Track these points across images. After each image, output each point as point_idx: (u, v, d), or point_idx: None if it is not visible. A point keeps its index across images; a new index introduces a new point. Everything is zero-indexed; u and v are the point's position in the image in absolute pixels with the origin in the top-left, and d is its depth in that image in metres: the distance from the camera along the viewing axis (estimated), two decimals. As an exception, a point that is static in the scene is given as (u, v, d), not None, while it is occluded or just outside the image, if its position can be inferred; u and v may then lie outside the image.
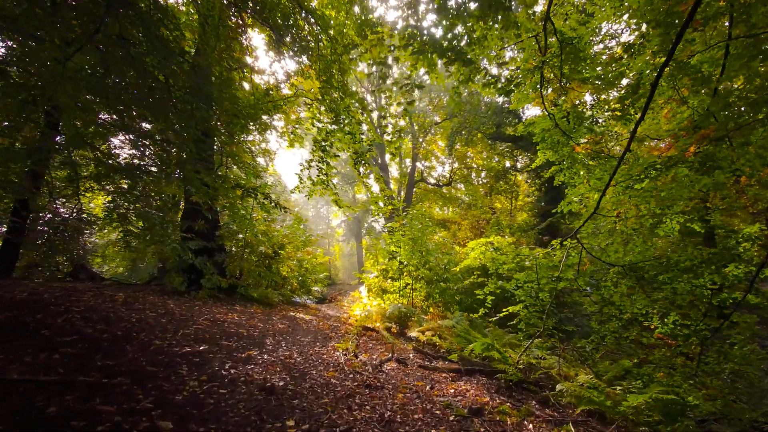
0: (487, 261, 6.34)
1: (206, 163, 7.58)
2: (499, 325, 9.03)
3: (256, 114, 7.33)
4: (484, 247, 6.19)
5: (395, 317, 8.51)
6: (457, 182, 24.14)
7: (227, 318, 6.59)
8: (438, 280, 9.44)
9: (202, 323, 5.72)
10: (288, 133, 11.05)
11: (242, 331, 5.72)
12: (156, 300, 7.03)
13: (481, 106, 19.24)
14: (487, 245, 6.09)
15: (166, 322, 5.39)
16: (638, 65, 5.19)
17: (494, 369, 4.90)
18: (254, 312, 8.17)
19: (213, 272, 8.74)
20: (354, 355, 5.28)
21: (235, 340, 5.11)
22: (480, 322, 8.69)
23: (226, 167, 10.28)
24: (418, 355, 5.90)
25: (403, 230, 10.24)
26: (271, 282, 11.16)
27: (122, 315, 5.29)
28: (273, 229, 10.63)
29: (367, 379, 4.13)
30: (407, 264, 9.68)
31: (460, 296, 9.83)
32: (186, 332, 5.00)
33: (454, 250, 10.66)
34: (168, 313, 5.94)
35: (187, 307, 6.86)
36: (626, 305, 5.07)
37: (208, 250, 9.09)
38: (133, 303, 6.31)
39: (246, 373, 3.79)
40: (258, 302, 9.63)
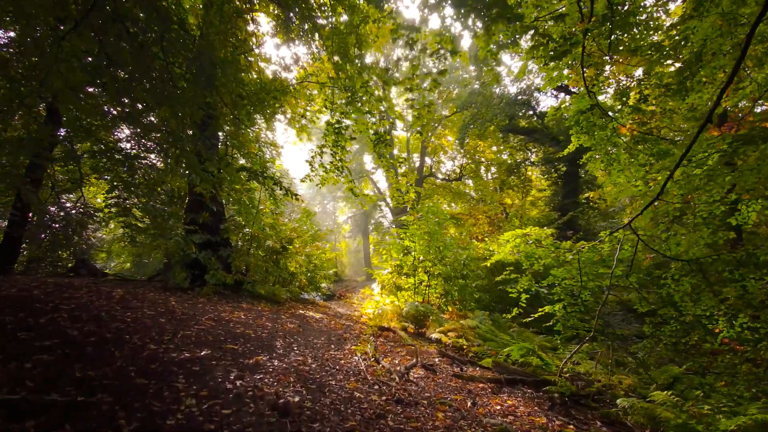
0: (520, 255, 5.67)
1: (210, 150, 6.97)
2: (524, 325, 8.37)
3: (263, 98, 6.69)
4: (519, 239, 5.53)
5: (412, 316, 7.87)
6: (467, 177, 23.41)
7: (233, 317, 5.99)
8: (456, 276, 8.78)
9: (205, 323, 5.11)
10: (296, 122, 10.42)
11: (249, 332, 5.11)
12: (156, 297, 6.43)
13: (493, 97, 18.48)
14: (524, 237, 5.43)
15: (164, 322, 4.79)
16: (705, 28, 4.46)
17: (538, 379, 4.25)
18: (262, 310, 7.57)
19: (218, 267, 8.14)
20: (375, 360, 4.65)
21: (241, 343, 4.49)
22: (503, 322, 8.03)
23: (231, 157, 9.66)
24: (444, 359, 5.26)
25: (417, 224, 9.59)
26: (278, 278, 10.56)
27: (116, 314, 4.69)
28: (280, 222, 10.02)
29: (396, 391, 3.49)
30: (423, 260, 9.03)
31: (479, 294, 9.17)
32: (186, 334, 4.39)
33: (472, 245, 10.01)
34: (168, 312, 5.34)
35: (189, 305, 6.26)
36: (688, 306, 4.40)
37: (212, 244, 8.50)
38: (131, 300, 5.72)
39: (254, 385, 3.16)
40: (265, 299, 9.03)
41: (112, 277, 9.92)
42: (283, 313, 7.69)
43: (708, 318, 4.38)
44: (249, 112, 8.08)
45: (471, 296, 9.26)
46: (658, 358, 5.41)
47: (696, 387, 4.71)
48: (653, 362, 5.44)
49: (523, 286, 5.54)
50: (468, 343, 5.64)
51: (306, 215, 10.89)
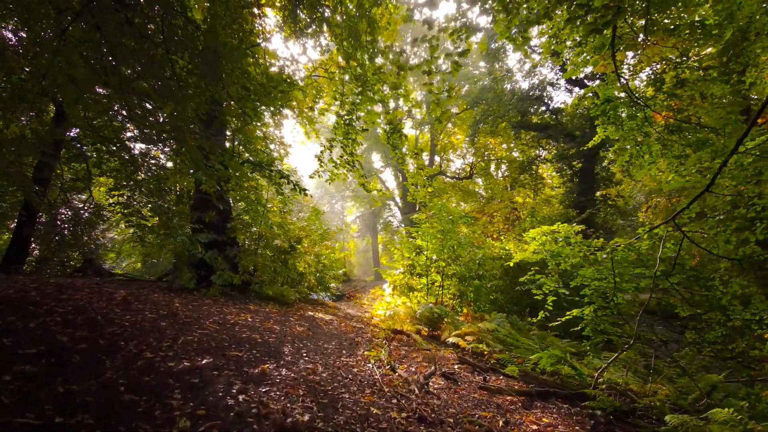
0: (546, 254, 5.22)
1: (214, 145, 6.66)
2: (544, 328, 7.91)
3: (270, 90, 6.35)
4: (545, 237, 5.08)
5: (426, 318, 7.47)
6: (477, 175, 22.90)
7: (239, 319, 5.65)
8: (471, 276, 8.35)
9: (209, 327, 4.77)
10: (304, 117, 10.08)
11: (255, 337, 4.75)
12: (160, 298, 6.13)
13: (504, 93, 17.97)
14: (552, 234, 4.99)
15: (165, 325, 4.46)
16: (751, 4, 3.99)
17: (573, 391, 3.82)
18: (269, 312, 7.23)
19: (224, 268, 7.83)
20: (390, 368, 4.26)
21: (246, 350, 4.14)
22: (522, 325, 7.58)
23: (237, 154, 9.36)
24: (464, 366, 4.85)
25: (430, 222, 9.18)
26: (287, 278, 10.24)
27: (114, 317, 4.37)
28: (289, 221, 9.69)
29: (417, 407, 3.10)
30: (436, 259, 8.62)
31: (495, 295, 8.73)
32: (188, 339, 4.05)
33: (487, 244, 9.57)
34: (170, 314, 5.02)
35: (194, 307, 5.95)
36: (737, 309, 3.94)
37: (219, 244, 8.20)
38: (133, 302, 5.42)
39: (259, 400, 2.80)
40: (273, 300, 8.71)
41: (120, 277, 9.69)
42: (291, 315, 7.34)
43: (758, 323, 3.91)
44: (255, 107, 7.76)
45: (486, 297, 8.83)
46: (700, 366, 4.94)
47: (742, 397, 4.24)
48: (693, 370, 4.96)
49: (550, 287, 5.10)
50: (488, 349, 5.22)
51: (315, 214, 10.55)
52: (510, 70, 18.43)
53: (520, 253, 5.40)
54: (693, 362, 4.87)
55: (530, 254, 5.29)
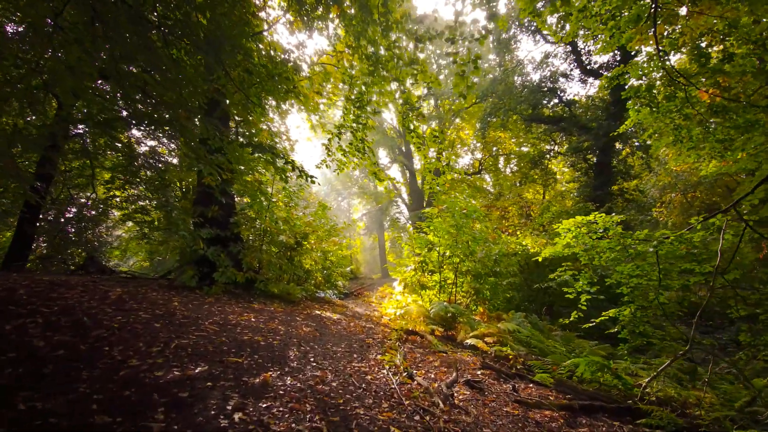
0: (579, 248, 4.69)
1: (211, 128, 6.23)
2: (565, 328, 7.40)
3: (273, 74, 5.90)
4: (579, 228, 4.54)
5: (440, 318, 7.00)
6: (487, 171, 22.31)
7: (241, 320, 5.22)
8: (487, 273, 7.85)
9: (208, 328, 4.34)
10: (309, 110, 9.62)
11: (258, 339, 4.31)
12: (159, 297, 5.72)
13: (515, 85, 17.36)
14: (589, 225, 4.46)
15: (159, 327, 4.03)
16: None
17: (622, 405, 3.32)
18: (275, 311, 6.80)
19: (227, 264, 7.41)
20: (407, 374, 3.80)
21: (247, 354, 3.69)
22: (542, 325, 7.07)
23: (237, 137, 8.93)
24: (489, 373, 4.36)
25: (442, 216, 8.69)
26: (293, 276, 9.82)
27: (103, 318, 3.96)
28: (294, 216, 9.25)
29: (445, 425, 2.63)
30: (449, 255, 8.13)
31: (512, 293, 8.23)
32: (182, 343, 3.61)
33: (502, 239, 9.05)
34: (167, 315, 4.60)
35: (194, 306, 5.53)
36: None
37: (222, 240, 7.78)
38: (128, 301, 5.01)
39: (258, 419, 2.35)
40: (279, 299, 8.29)
41: (122, 274, 9.32)
42: (297, 315, 6.91)
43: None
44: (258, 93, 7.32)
45: (502, 296, 8.33)
46: (753, 371, 4.41)
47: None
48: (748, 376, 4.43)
49: (583, 284, 4.59)
50: (513, 353, 4.73)
51: (321, 209, 10.10)
52: (521, 62, 17.80)
53: (549, 247, 4.88)
54: (746, 367, 4.35)
55: (561, 248, 4.77)
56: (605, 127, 13.93)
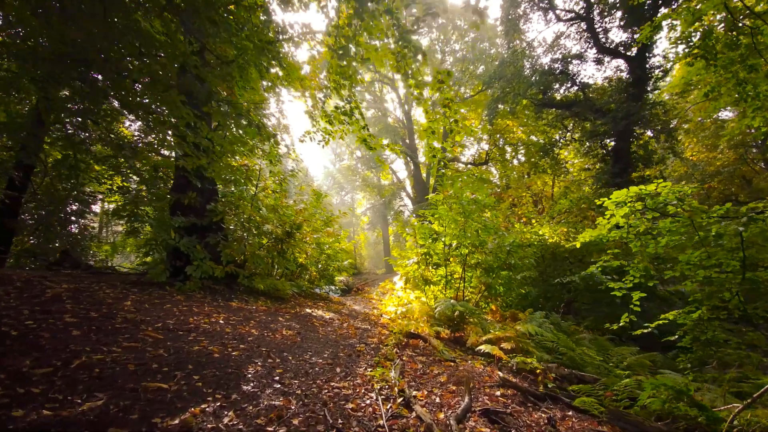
0: (627, 230, 3.56)
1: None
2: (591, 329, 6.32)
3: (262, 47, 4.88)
4: (629, 206, 3.38)
5: (446, 318, 5.94)
6: (494, 161, 21.12)
7: (203, 323, 4.21)
8: (500, 267, 6.77)
9: (148, 336, 3.33)
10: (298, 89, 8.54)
11: (212, 350, 3.30)
12: (110, 295, 4.74)
13: (524, 68, 16.13)
14: (653, 199, 3.32)
15: (79, 335, 3.04)
16: None
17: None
18: (256, 310, 5.81)
19: (203, 257, 6.42)
20: (404, 401, 2.76)
21: (184, 375, 2.68)
22: (566, 326, 5.99)
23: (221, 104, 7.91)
24: (512, 393, 3.30)
25: (448, 203, 7.61)
26: (284, 270, 8.82)
27: (12, 322, 2.99)
28: (284, 203, 8.23)
29: None
30: (458, 246, 7.06)
31: (527, 288, 7.14)
32: (91, 360, 2.60)
33: (516, 228, 7.96)
34: (102, 318, 3.60)
35: (150, 306, 4.54)
36: None
37: (199, 230, 6.79)
38: (64, 301, 4.03)
39: None
40: (266, 296, 7.30)
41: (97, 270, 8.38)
42: (282, 314, 5.90)
43: None
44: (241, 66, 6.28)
45: (517, 291, 7.24)
46: None
47: None
48: None
49: (634, 277, 3.50)
50: (541, 366, 3.66)
51: (316, 197, 9.07)
52: (530, 43, 16.55)
53: (589, 231, 3.78)
54: None
55: (606, 231, 3.64)
56: (624, 110, 12.69)
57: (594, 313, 7.14)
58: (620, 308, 6.75)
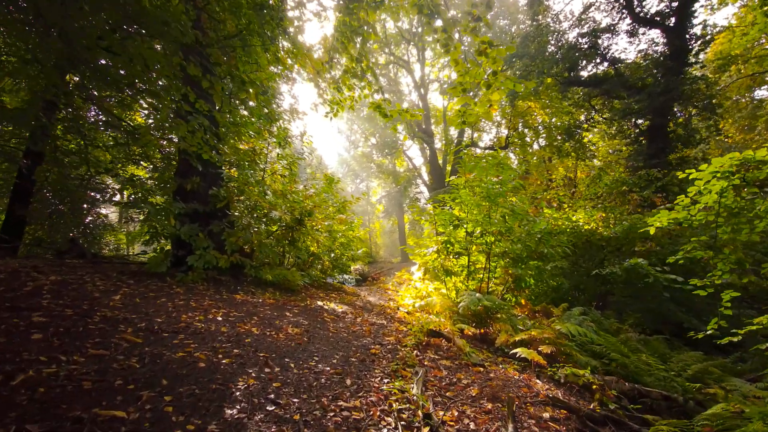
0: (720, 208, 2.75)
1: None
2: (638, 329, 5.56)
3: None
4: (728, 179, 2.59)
5: (471, 313, 5.27)
6: (514, 146, 20.02)
7: (197, 320, 3.67)
8: (529, 256, 6.03)
9: (123, 339, 2.80)
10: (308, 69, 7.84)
11: (198, 358, 2.74)
12: (99, 288, 4.26)
13: (548, 45, 14.94)
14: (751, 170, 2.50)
15: (40, 340, 2.53)
16: None
17: None
18: (262, 303, 5.27)
19: (206, 246, 5.91)
20: (430, 430, 2.12)
21: (154, 396, 2.11)
22: (608, 324, 5.24)
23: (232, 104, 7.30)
24: (564, 415, 2.64)
25: (470, 187, 6.87)
26: (296, 260, 8.29)
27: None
28: (293, 189, 7.64)
29: None
30: (482, 234, 6.34)
31: (560, 280, 6.39)
32: (36, 377, 2.06)
33: (545, 214, 7.16)
34: (75, 317, 3.09)
35: (141, 301, 4.04)
36: None
37: (202, 217, 6.27)
38: (43, 295, 3.56)
39: None
40: (276, 287, 6.78)
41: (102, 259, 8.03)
42: (290, 308, 5.35)
43: None
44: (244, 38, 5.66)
45: (548, 284, 6.50)
46: None
47: None
48: None
49: (724, 272, 2.74)
50: (598, 382, 2.96)
51: (328, 182, 8.45)
52: (556, 16, 15.31)
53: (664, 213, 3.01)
54: None
55: (694, 211, 2.84)
56: (663, 85, 11.51)
57: (637, 309, 6.34)
58: (668, 304, 5.94)
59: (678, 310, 6.04)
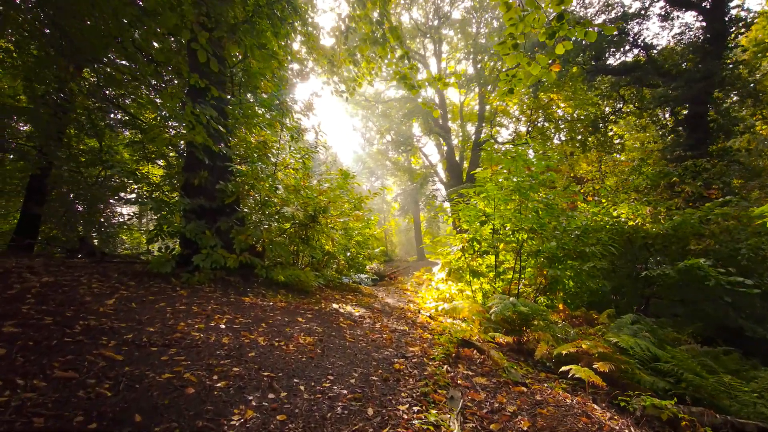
0: None
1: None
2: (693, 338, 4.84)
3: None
4: None
5: (503, 320, 4.66)
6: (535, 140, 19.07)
7: (193, 330, 3.19)
8: (567, 256, 5.36)
9: (101, 355, 2.32)
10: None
11: (188, 381, 2.23)
12: (92, 291, 3.85)
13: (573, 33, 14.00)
14: None
15: (1, 357, 2.06)
16: None
17: None
18: (272, 307, 4.78)
19: (214, 244, 5.46)
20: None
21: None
22: (663, 333, 4.54)
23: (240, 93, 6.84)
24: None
25: (497, 178, 6.24)
26: (309, 259, 7.81)
27: None
28: (306, 184, 7.14)
29: None
30: (514, 230, 5.71)
31: (601, 282, 5.68)
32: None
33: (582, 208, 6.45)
34: (53, 327, 2.65)
35: (137, 306, 3.59)
36: None
37: (209, 213, 5.84)
38: (26, 299, 3.15)
39: None
40: (288, 288, 6.30)
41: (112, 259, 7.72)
42: (302, 313, 4.85)
43: None
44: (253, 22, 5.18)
45: (586, 287, 5.80)
46: None
47: None
48: None
49: None
50: (688, 417, 2.33)
51: (343, 177, 7.93)
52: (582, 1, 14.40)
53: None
54: None
55: None
56: (702, 70, 10.55)
57: (688, 315, 5.60)
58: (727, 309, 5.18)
59: (738, 316, 5.29)
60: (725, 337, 5.26)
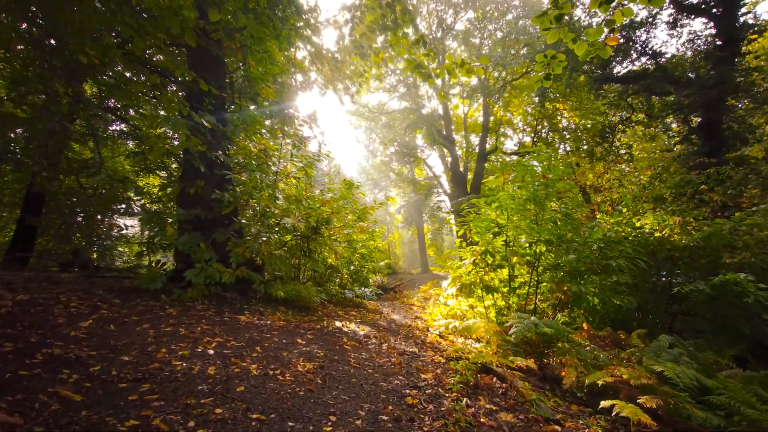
0: None
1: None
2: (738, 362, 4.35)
3: None
4: None
5: (523, 341, 4.20)
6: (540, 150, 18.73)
7: (175, 358, 2.76)
8: (590, 270, 4.91)
9: (54, 395, 1.90)
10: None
11: (157, 427, 1.80)
12: (68, 310, 3.45)
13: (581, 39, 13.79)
14: None
15: None
16: None
17: None
18: (270, 326, 4.35)
19: (209, 258, 5.07)
20: None
21: None
22: (703, 357, 4.06)
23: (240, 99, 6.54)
24: None
25: (510, 187, 5.84)
26: (311, 273, 7.39)
27: None
28: (309, 194, 6.77)
29: None
30: (530, 243, 5.28)
31: (627, 298, 5.19)
32: None
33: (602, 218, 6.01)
34: (10, 356, 2.24)
35: (117, 328, 3.18)
36: None
37: (204, 225, 5.46)
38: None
39: None
40: (287, 304, 5.87)
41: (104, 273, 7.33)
42: (303, 333, 4.40)
43: None
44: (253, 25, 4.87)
45: (610, 303, 5.32)
46: None
47: None
48: None
49: None
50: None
51: (347, 187, 7.56)
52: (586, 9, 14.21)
53: None
54: None
55: None
56: (715, 77, 10.21)
57: (719, 333, 5.09)
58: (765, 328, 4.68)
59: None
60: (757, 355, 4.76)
